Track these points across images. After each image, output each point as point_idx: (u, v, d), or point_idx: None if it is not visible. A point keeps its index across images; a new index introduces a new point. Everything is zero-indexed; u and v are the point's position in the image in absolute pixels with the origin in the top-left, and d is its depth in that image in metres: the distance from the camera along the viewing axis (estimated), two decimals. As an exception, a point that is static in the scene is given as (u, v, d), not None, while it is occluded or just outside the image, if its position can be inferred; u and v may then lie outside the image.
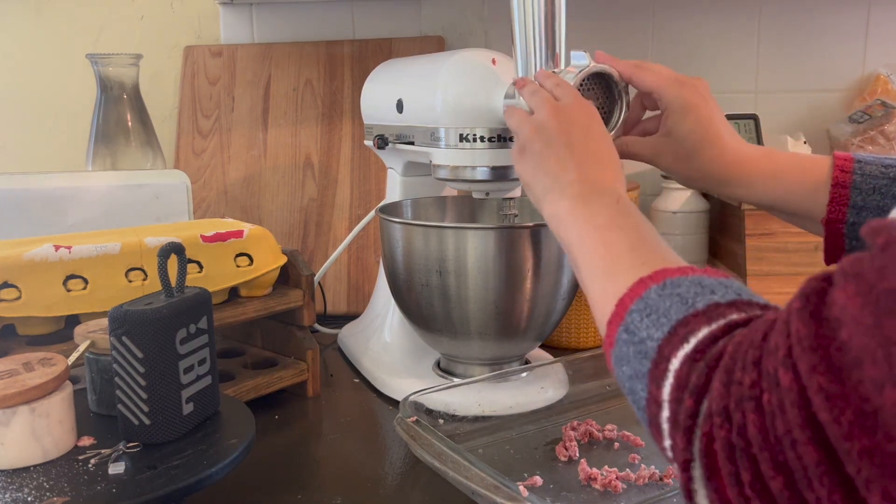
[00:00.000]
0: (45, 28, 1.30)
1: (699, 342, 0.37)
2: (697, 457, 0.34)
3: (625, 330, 0.42)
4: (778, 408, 0.30)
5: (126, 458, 0.57)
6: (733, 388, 0.33)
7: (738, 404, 0.32)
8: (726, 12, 1.29)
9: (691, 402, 0.35)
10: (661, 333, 0.39)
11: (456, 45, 1.30)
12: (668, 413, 0.37)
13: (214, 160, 1.25)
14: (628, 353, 0.41)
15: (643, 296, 0.42)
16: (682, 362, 0.37)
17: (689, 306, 0.39)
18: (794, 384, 0.30)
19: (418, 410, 0.71)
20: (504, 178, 0.81)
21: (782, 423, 0.30)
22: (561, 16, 0.71)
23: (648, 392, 0.39)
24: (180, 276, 0.62)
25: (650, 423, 0.39)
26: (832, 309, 0.29)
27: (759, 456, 0.31)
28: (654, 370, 0.39)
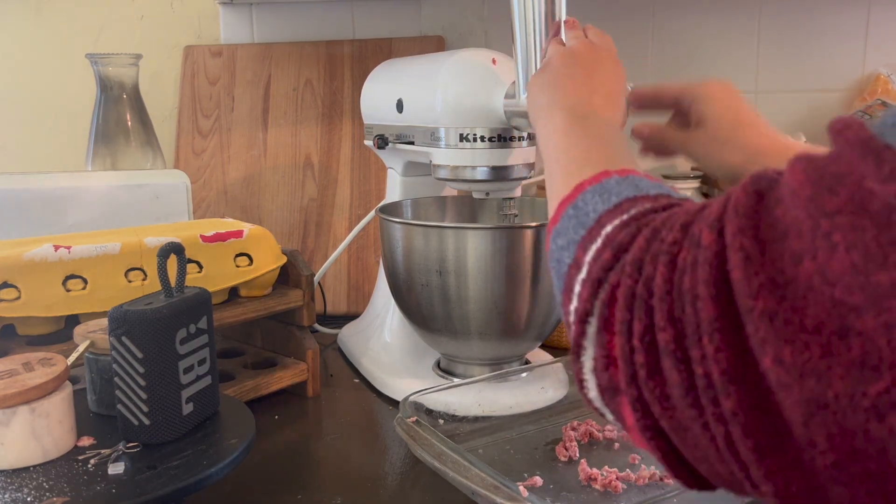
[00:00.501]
0: (45, 28, 1.30)
1: (638, 212, 0.38)
2: (597, 308, 0.35)
3: (573, 207, 0.42)
4: (690, 264, 0.31)
5: (126, 458, 0.57)
6: (654, 244, 0.34)
7: (653, 259, 0.33)
8: (726, 12, 1.29)
9: (609, 255, 0.36)
10: (605, 206, 0.40)
11: (456, 45, 1.30)
12: (584, 273, 0.37)
13: (214, 160, 1.25)
14: (568, 227, 0.41)
15: (602, 182, 0.43)
16: (616, 227, 0.37)
17: (640, 190, 0.41)
18: (713, 244, 0.30)
19: (418, 410, 0.71)
20: (504, 178, 0.81)
21: (689, 279, 0.30)
22: (561, 16, 0.71)
23: (573, 257, 0.39)
24: (180, 276, 0.62)
25: (564, 288, 0.39)
26: (777, 189, 0.30)
27: (657, 306, 0.31)
28: (587, 236, 0.39)
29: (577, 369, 0.36)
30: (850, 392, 0.26)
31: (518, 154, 0.81)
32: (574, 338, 0.36)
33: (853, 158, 0.28)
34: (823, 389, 0.26)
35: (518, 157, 0.81)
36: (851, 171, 0.27)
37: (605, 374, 0.34)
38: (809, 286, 0.27)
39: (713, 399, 0.29)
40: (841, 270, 0.26)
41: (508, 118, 0.77)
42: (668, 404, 0.31)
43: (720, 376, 0.28)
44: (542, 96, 0.60)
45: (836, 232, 0.26)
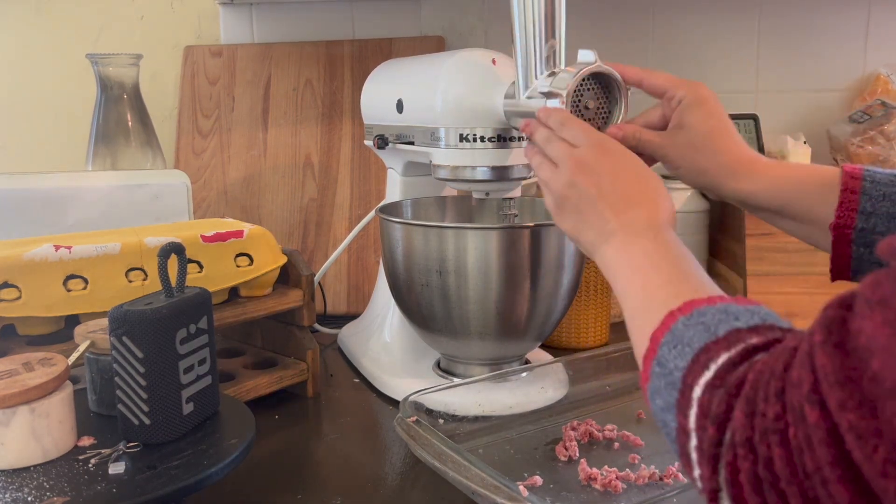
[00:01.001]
0: (45, 28, 1.30)
1: (718, 368, 0.37)
2: (724, 486, 0.34)
3: (657, 363, 0.42)
4: (805, 444, 0.30)
5: (126, 458, 0.57)
6: (756, 419, 0.33)
7: (762, 437, 0.32)
8: (726, 12, 1.29)
9: (713, 430, 0.35)
10: (684, 362, 0.39)
11: (456, 45, 1.30)
12: (695, 442, 0.37)
13: (214, 160, 1.25)
14: (660, 386, 0.41)
15: (671, 328, 0.42)
16: (704, 390, 0.37)
17: (711, 333, 0.40)
18: (822, 421, 0.29)
19: (418, 410, 0.71)
20: (504, 178, 0.81)
21: (811, 461, 0.29)
22: (561, 16, 0.71)
23: (677, 422, 0.39)
24: (180, 276, 0.62)
25: (680, 453, 0.39)
26: (858, 339, 0.29)
27: (788, 490, 0.31)
28: (681, 399, 0.39)
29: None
30: None
31: (518, 154, 0.81)
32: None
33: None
34: None
35: (518, 157, 0.81)
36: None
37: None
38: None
39: None
40: None
41: (508, 118, 0.78)
42: None
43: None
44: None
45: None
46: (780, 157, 1.18)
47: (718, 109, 0.67)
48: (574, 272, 0.82)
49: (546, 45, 0.71)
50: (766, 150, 1.20)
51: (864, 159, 1.13)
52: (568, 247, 0.80)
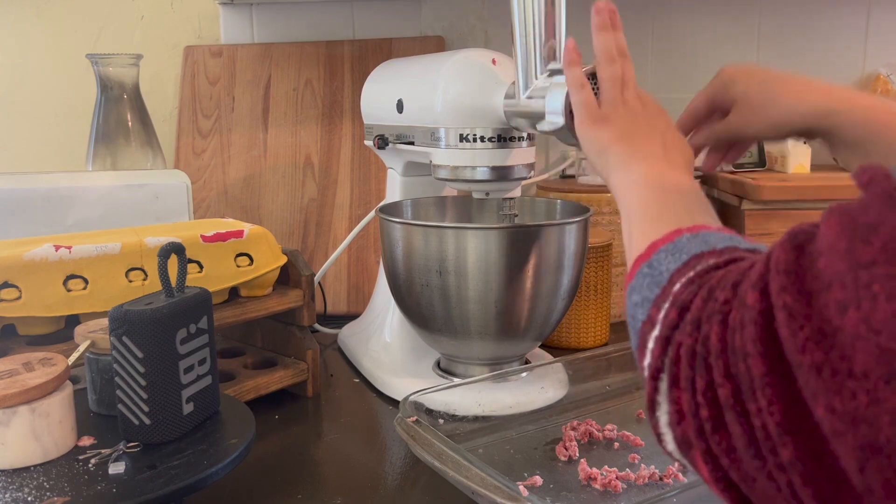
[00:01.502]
0: (45, 28, 1.30)
1: (703, 268, 0.40)
2: (667, 366, 0.36)
3: (647, 265, 0.44)
4: (739, 324, 0.32)
5: (126, 457, 0.57)
6: (710, 304, 0.36)
7: (708, 317, 0.35)
8: (726, 12, 1.29)
9: (675, 314, 0.38)
10: (676, 265, 0.42)
11: (456, 45, 1.30)
12: (657, 332, 0.39)
13: (214, 160, 1.25)
14: (642, 284, 0.43)
15: (675, 240, 0.44)
16: (682, 284, 0.39)
17: (710, 246, 0.42)
18: (758, 303, 0.32)
19: (418, 410, 0.71)
20: (504, 178, 0.81)
21: (739, 337, 0.32)
22: (561, 16, 0.71)
23: (648, 315, 0.41)
24: (180, 276, 0.62)
25: (639, 344, 0.40)
26: (815, 243, 0.31)
27: (714, 364, 0.33)
28: (661, 295, 0.41)
29: (653, 423, 0.38)
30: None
31: (518, 154, 0.81)
32: (648, 393, 0.38)
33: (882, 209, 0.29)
34: (875, 435, 0.27)
35: (518, 157, 0.81)
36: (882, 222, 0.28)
37: (679, 427, 0.36)
38: (855, 335, 0.27)
39: (772, 449, 0.30)
40: (884, 318, 0.27)
41: (508, 118, 0.78)
42: (734, 456, 0.32)
43: (776, 427, 0.30)
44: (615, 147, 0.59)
45: (875, 282, 0.27)
46: (780, 158, 1.18)
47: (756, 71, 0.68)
48: (574, 272, 0.82)
49: (546, 45, 0.71)
50: (767, 150, 1.20)
51: (864, 159, 1.13)
52: (568, 247, 0.80)
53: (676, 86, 1.31)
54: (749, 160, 1.19)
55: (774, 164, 1.19)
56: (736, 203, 1.07)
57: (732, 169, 1.17)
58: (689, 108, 0.73)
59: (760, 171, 1.18)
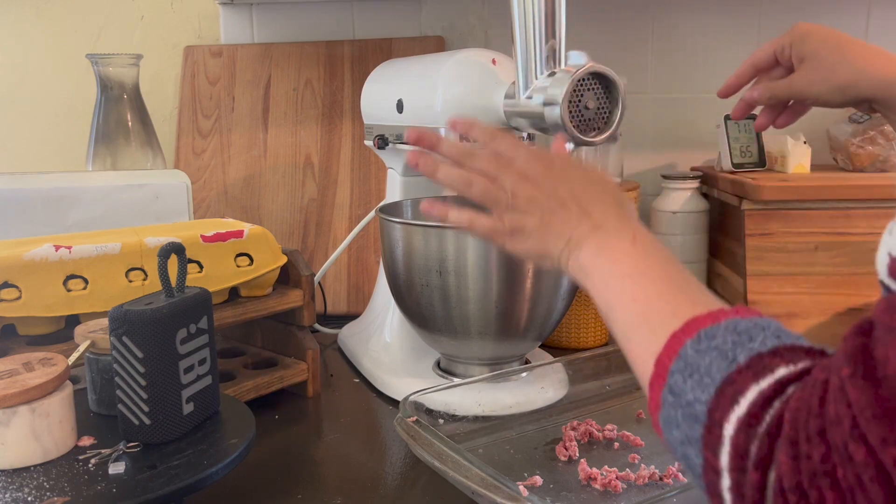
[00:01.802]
0: (45, 28, 1.30)
1: (751, 405, 0.36)
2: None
3: (669, 392, 0.40)
4: (856, 483, 0.30)
5: (126, 457, 0.57)
6: (803, 462, 0.32)
7: (811, 480, 0.31)
8: (726, 12, 1.29)
9: (757, 475, 0.34)
10: (707, 395, 0.38)
11: (456, 45, 1.30)
12: (729, 483, 0.36)
13: (214, 160, 1.25)
14: (677, 417, 0.39)
15: (680, 353, 0.40)
16: (737, 428, 0.36)
17: (731, 361, 0.38)
18: (869, 458, 0.29)
19: (418, 410, 0.71)
20: (504, 178, 0.81)
21: (864, 500, 0.29)
22: (561, 16, 0.71)
23: (704, 459, 0.37)
24: (180, 276, 0.62)
25: (709, 490, 0.37)
26: (886, 368, 0.29)
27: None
28: (708, 436, 0.37)
29: None
30: None
31: (518, 154, 0.81)
32: None
33: None
34: None
35: (518, 158, 0.81)
36: None
37: None
38: None
39: None
40: None
41: (508, 118, 0.78)
42: None
43: None
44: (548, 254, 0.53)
45: None
46: (780, 158, 1.18)
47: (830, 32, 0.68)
48: (574, 272, 0.82)
49: (546, 45, 0.71)
50: (767, 149, 1.20)
51: (864, 159, 1.13)
52: (568, 247, 0.80)
53: (676, 86, 1.31)
54: (749, 160, 1.19)
55: (774, 164, 1.19)
56: (736, 203, 1.07)
57: (732, 169, 1.17)
58: (752, 57, 0.71)
59: (760, 171, 1.18)
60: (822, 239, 1.02)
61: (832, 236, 1.02)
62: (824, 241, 1.02)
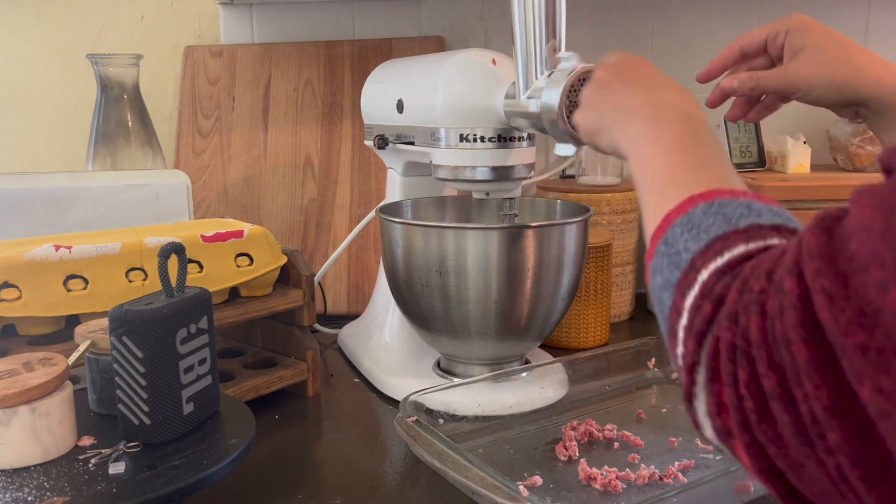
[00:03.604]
0: (45, 28, 1.30)
1: (733, 257, 0.38)
2: (704, 360, 0.36)
3: (664, 242, 0.42)
4: (778, 311, 0.32)
5: (126, 457, 0.57)
6: (745, 295, 0.34)
7: (745, 309, 0.34)
8: (726, 12, 1.29)
9: (710, 308, 0.36)
10: (697, 246, 0.40)
11: (456, 45, 1.30)
12: (685, 321, 0.38)
13: (214, 160, 1.25)
14: (662, 264, 0.41)
15: (689, 212, 0.42)
16: (711, 273, 0.38)
17: (731, 224, 0.40)
18: (795, 288, 0.31)
19: (418, 410, 0.71)
20: (504, 178, 0.81)
21: (780, 325, 0.31)
22: (561, 16, 0.71)
23: (673, 301, 0.39)
24: (180, 276, 0.62)
25: (668, 331, 0.40)
26: (845, 225, 0.30)
27: (756, 355, 0.32)
28: (683, 280, 0.39)
29: (691, 413, 0.37)
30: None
31: (518, 154, 0.81)
32: (685, 386, 0.37)
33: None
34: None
35: (518, 157, 0.81)
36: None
37: (719, 419, 0.35)
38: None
39: (820, 434, 0.30)
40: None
41: (508, 118, 0.78)
42: (782, 444, 0.32)
43: (823, 412, 0.30)
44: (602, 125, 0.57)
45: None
46: (780, 158, 1.18)
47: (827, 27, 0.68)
48: (574, 272, 0.82)
49: (546, 45, 0.71)
50: (767, 149, 1.20)
51: (864, 159, 1.13)
52: (568, 246, 0.80)
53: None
54: (749, 160, 1.19)
55: (774, 164, 1.19)
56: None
57: (732, 169, 1.17)
58: (741, 40, 0.70)
59: (760, 171, 1.18)
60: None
61: (832, 236, 1.02)
62: (824, 241, 1.02)
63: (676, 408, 0.80)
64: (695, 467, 0.67)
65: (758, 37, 0.70)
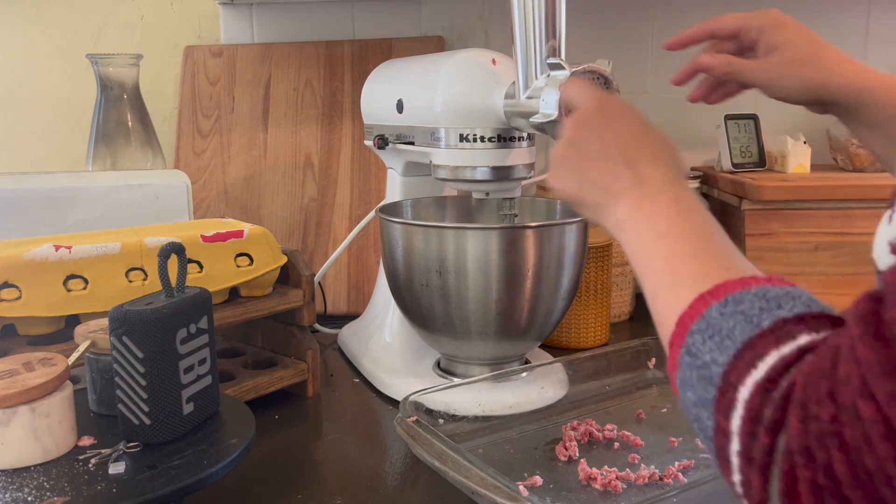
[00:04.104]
0: (45, 28, 1.30)
1: (770, 369, 0.35)
2: (776, 497, 0.33)
3: (687, 352, 0.39)
4: (864, 442, 0.29)
5: (126, 457, 0.57)
6: (811, 423, 0.31)
7: (819, 441, 0.31)
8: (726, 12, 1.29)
9: (767, 439, 0.33)
10: (725, 358, 0.37)
11: (456, 45, 1.30)
12: (738, 447, 0.35)
13: (214, 160, 1.25)
14: (692, 378, 0.39)
15: (704, 314, 0.39)
16: (753, 392, 0.35)
17: (755, 326, 0.37)
18: (877, 415, 0.28)
19: (418, 410, 0.71)
20: (504, 178, 0.81)
21: (872, 458, 0.29)
22: (561, 16, 0.71)
23: (715, 422, 0.37)
24: (180, 276, 0.62)
25: (718, 454, 0.37)
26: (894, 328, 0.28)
27: (851, 495, 0.30)
28: (721, 398, 0.36)
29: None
30: None
31: (518, 154, 0.81)
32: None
33: None
34: None
35: (518, 158, 0.81)
36: None
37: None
38: None
39: None
40: None
41: (508, 118, 0.78)
42: None
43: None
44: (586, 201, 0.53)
45: None
46: (780, 158, 1.18)
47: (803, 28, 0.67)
48: (574, 272, 0.82)
49: (546, 45, 0.71)
50: (767, 149, 1.20)
51: (864, 159, 1.13)
52: (568, 247, 0.80)
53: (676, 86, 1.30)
54: (749, 160, 1.19)
55: (774, 164, 1.19)
56: (736, 203, 1.07)
57: (732, 169, 1.17)
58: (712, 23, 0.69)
59: (760, 171, 1.18)
60: (822, 239, 1.02)
61: (832, 236, 1.02)
62: (824, 241, 1.03)
63: (676, 408, 0.80)
64: (695, 467, 0.67)
65: (731, 25, 0.69)
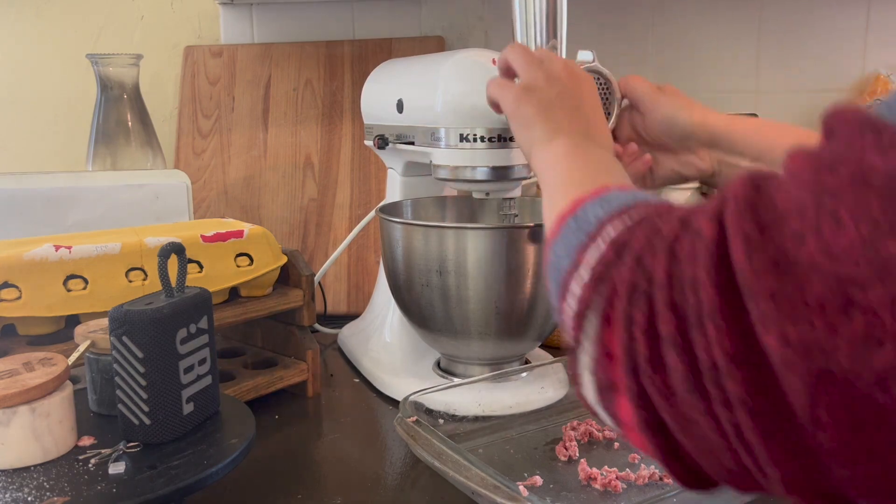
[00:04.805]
0: (45, 28, 1.30)
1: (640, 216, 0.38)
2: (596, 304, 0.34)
3: (573, 219, 0.41)
4: (689, 253, 0.31)
5: (126, 457, 0.57)
6: (654, 238, 0.33)
7: (652, 250, 0.33)
8: (726, 12, 1.29)
9: (611, 251, 0.36)
10: (607, 212, 0.39)
11: (456, 45, 1.30)
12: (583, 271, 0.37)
13: (214, 160, 1.25)
14: (568, 235, 0.41)
15: (602, 195, 0.42)
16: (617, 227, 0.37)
17: (642, 199, 0.40)
18: (713, 232, 0.30)
19: (418, 410, 0.71)
20: (504, 178, 0.81)
21: (689, 267, 0.30)
22: (562, 15, 0.71)
23: (573, 260, 0.38)
24: (180, 276, 0.62)
25: (560, 289, 0.38)
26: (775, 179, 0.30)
27: (657, 294, 0.31)
28: (588, 241, 0.38)
29: (573, 367, 0.36)
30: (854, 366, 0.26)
31: (518, 154, 0.81)
32: (572, 335, 0.36)
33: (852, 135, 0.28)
34: (828, 365, 0.26)
35: (518, 157, 0.81)
36: (851, 148, 0.28)
37: (604, 370, 0.34)
38: (813, 264, 0.27)
39: (718, 384, 0.29)
40: (847, 245, 0.26)
41: (508, 118, 0.77)
42: (671, 395, 0.31)
43: (725, 360, 0.28)
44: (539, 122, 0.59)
45: (841, 208, 0.27)
46: (779, 157, 1.18)
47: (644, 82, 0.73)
48: (574, 272, 0.82)
49: (547, 45, 0.71)
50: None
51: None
52: (568, 247, 0.80)
53: (676, 84, 1.30)
54: (749, 160, 1.19)
55: (774, 164, 1.19)
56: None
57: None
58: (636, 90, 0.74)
59: (760, 171, 1.18)
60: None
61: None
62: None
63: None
64: (695, 467, 0.67)
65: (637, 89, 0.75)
